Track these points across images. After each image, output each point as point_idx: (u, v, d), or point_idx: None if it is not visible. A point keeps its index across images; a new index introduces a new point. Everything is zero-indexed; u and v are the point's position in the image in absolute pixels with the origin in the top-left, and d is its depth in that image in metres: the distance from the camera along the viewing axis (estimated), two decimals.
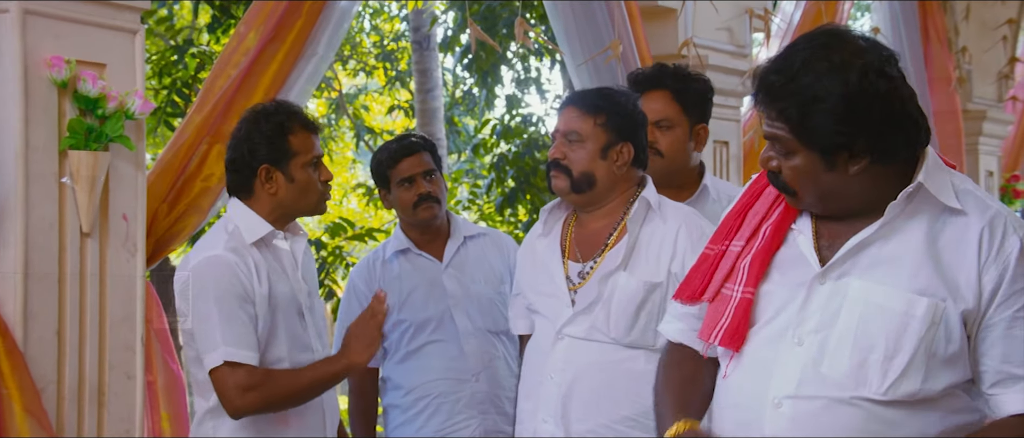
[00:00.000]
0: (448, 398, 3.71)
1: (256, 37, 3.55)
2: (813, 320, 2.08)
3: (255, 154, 3.03)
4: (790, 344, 2.08)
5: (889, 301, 2.03)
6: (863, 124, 1.99)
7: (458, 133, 12.05)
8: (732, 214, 2.25)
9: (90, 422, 3.09)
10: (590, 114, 2.94)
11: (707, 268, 2.22)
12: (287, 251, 3.10)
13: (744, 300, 2.12)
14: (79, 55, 3.04)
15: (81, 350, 3.07)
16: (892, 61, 2.03)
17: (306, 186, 3.06)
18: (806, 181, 2.07)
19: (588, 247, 2.98)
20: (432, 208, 3.70)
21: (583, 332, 2.89)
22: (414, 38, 9.44)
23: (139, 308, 3.23)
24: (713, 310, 2.18)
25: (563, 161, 2.94)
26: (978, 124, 6.89)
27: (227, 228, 3.03)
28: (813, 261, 2.10)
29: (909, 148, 2.06)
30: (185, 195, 3.51)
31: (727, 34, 5.05)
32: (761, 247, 2.14)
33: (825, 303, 2.08)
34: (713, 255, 2.23)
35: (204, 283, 2.92)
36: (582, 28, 4.31)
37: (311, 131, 3.10)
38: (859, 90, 1.98)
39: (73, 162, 3.01)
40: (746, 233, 2.19)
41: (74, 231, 3.05)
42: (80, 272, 3.07)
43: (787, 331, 2.09)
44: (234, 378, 2.88)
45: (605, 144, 2.93)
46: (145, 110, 3.13)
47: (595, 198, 2.96)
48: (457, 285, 3.73)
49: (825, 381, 2.05)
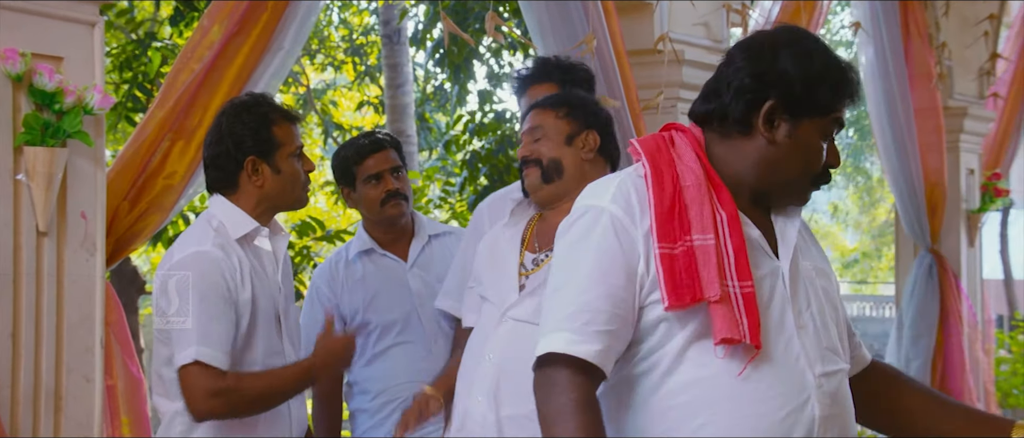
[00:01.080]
0: None
1: (220, 30, 3.53)
2: (796, 304, 2.21)
3: (241, 147, 3.04)
4: (797, 329, 2.19)
5: (825, 277, 2.30)
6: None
7: (429, 129, 12.04)
8: (664, 210, 2.15)
9: (46, 427, 3.06)
10: (551, 108, 3.06)
11: (686, 266, 2.14)
12: (269, 252, 3.11)
13: (748, 295, 2.13)
14: (35, 48, 3.01)
15: (37, 352, 3.05)
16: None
17: (292, 177, 3.09)
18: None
19: (546, 238, 3.03)
20: (400, 205, 3.70)
21: (527, 315, 2.92)
22: (384, 32, 9.42)
23: (98, 309, 3.20)
24: (722, 309, 2.11)
25: (532, 156, 3.03)
26: (959, 121, 6.92)
27: (211, 224, 3.03)
28: (770, 253, 2.22)
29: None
30: (147, 193, 3.49)
31: (704, 29, 5.05)
32: (736, 242, 2.14)
33: (798, 287, 2.22)
34: (681, 253, 2.14)
35: (189, 279, 2.92)
36: (556, 22, 4.30)
37: (292, 122, 3.13)
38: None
39: (29, 159, 2.98)
40: (707, 226, 2.15)
41: (30, 230, 3.03)
42: (36, 272, 3.05)
43: (786, 318, 2.19)
44: (202, 380, 2.87)
45: (570, 133, 3.03)
46: (105, 105, 3.11)
47: (565, 188, 3.00)
48: (422, 285, 3.73)
49: (831, 356, 2.22)
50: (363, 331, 3.72)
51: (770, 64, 2.18)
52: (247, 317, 2.97)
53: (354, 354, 3.23)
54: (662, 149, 2.21)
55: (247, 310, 2.96)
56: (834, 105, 2.19)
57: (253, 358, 3.00)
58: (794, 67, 2.16)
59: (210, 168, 3.11)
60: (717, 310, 2.11)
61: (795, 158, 2.19)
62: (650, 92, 4.68)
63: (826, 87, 2.17)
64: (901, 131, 6.15)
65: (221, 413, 2.91)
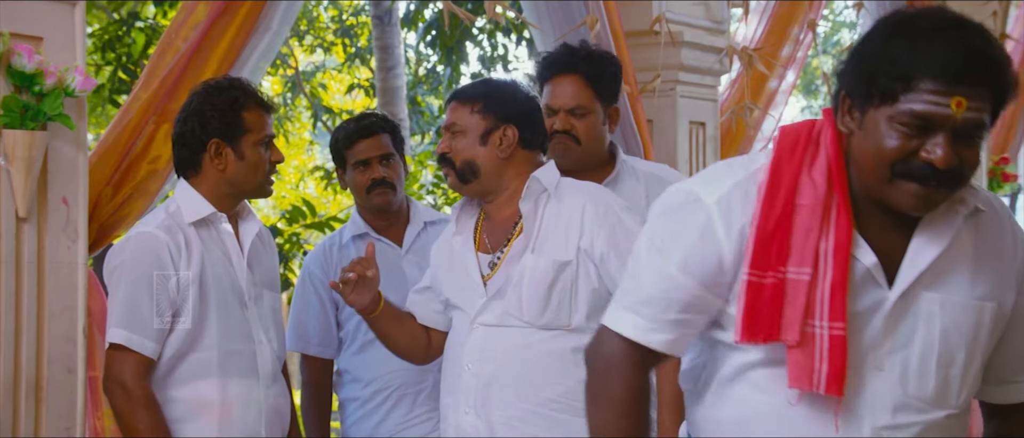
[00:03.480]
0: (409, 390, 3.70)
1: (206, 10, 3.52)
2: (889, 342, 2.03)
3: (206, 127, 3.06)
4: (872, 370, 2.03)
5: (962, 313, 2.02)
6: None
7: (421, 113, 12.02)
8: (766, 234, 2.03)
9: (26, 420, 3.05)
10: (466, 103, 3.03)
11: (770, 300, 2.03)
12: (230, 235, 3.12)
13: (837, 338, 1.99)
14: (13, 28, 3.00)
15: (17, 343, 3.04)
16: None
17: (255, 165, 3.10)
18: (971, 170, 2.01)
19: (496, 237, 3.05)
20: (385, 194, 3.70)
21: (496, 319, 2.94)
22: (374, 13, 9.38)
23: (80, 298, 3.19)
24: (802, 353, 2.02)
25: (449, 154, 3.03)
26: None
27: (169, 208, 3.07)
28: (883, 282, 2.03)
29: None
30: (130, 178, 3.48)
31: (704, 9, 5.03)
32: (837, 277, 2.00)
33: (899, 321, 2.03)
34: (770, 285, 2.02)
35: (123, 260, 2.99)
36: (553, 3, 4.29)
37: (265, 110, 3.14)
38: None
39: (8, 142, 2.96)
40: (806, 257, 2.01)
41: (9, 215, 3.01)
42: (16, 259, 3.03)
43: (866, 356, 2.03)
44: (119, 366, 2.95)
45: (485, 130, 3.00)
46: (86, 87, 3.10)
47: (486, 186, 3.03)
48: (418, 272, 3.71)
49: (915, 405, 2.03)
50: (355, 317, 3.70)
51: (851, 50, 2.04)
52: (195, 296, 3.00)
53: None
54: (796, 150, 2.05)
55: (193, 290, 2.99)
56: (895, 90, 1.90)
57: (209, 341, 3.02)
58: (856, 48, 2.02)
59: (176, 146, 3.14)
60: (793, 355, 2.01)
61: (865, 150, 1.96)
62: (647, 75, 4.67)
63: (883, 70, 1.92)
64: None
65: (113, 403, 2.99)
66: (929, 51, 1.87)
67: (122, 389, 2.94)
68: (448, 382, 3.08)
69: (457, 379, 3.01)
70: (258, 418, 3.12)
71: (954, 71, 1.86)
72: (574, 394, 2.82)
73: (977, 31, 1.90)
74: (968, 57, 1.86)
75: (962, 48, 1.87)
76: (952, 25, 1.90)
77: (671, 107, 4.83)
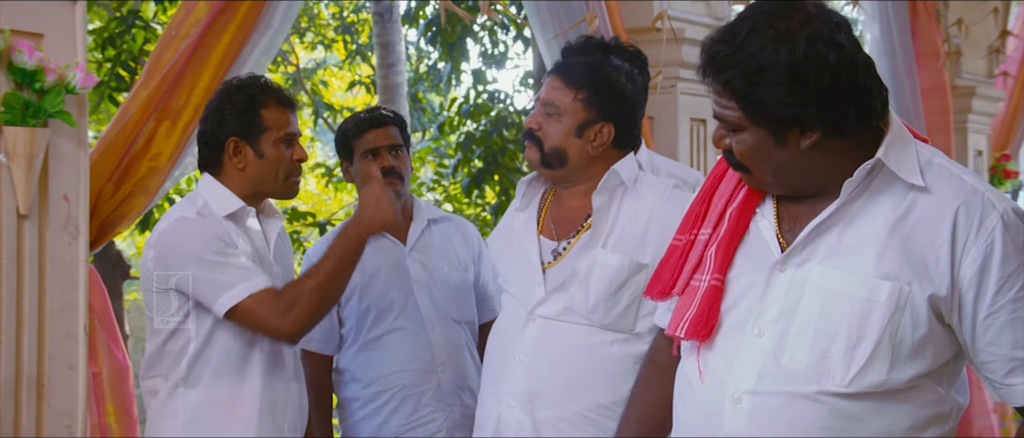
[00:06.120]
0: (413, 391, 3.68)
1: (206, 7, 3.52)
2: (773, 310, 2.06)
3: (224, 126, 3.05)
4: (750, 336, 2.07)
5: (850, 287, 2.00)
6: (811, 96, 1.96)
7: (423, 110, 12.02)
8: (697, 200, 2.23)
9: (28, 417, 3.06)
10: (571, 88, 2.87)
11: (676, 260, 2.20)
12: (258, 232, 3.10)
13: (711, 288, 2.09)
14: (14, 24, 3.00)
15: (18, 339, 3.04)
16: (843, 28, 1.99)
17: (275, 163, 3.07)
18: (758, 158, 2.05)
19: (564, 225, 2.94)
20: (394, 184, 3.68)
21: (557, 312, 2.84)
22: (375, 9, 9.38)
23: (82, 294, 3.20)
24: (681, 303, 2.15)
25: (537, 132, 2.89)
26: (967, 101, 6.91)
27: (195, 203, 3.03)
28: (774, 247, 2.09)
29: (863, 121, 2.01)
30: (131, 175, 3.49)
31: (705, 7, 5.04)
32: (726, 233, 2.12)
33: (785, 291, 2.05)
34: (681, 246, 2.20)
35: (181, 242, 2.94)
36: (553, 1, 4.29)
37: (286, 107, 3.11)
38: (806, 59, 1.94)
39: (9, 139, 2.97)
40: (712, 219, 2.17)
41: (10, 212, 3.02)
42: (17, 256, 3.04)
43: (747, 321, 2.08)
44: (265, 306, 2.90)
45: (582, 122, 2.87)
46: (87, 84, 3.10)
47: (568, 175, 2.92)
48: (421, 269, 3.71)
49: (786, 375, 2.03)
50: (355, 314, 3.70)
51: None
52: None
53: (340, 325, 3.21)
54: None
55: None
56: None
57: (250, 337, 2.99)
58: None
59: (199, 145, 3.14)
60: (678, 303, 2.16)
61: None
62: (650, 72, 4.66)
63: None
64: (907, 111, 6.13)
65: (306, 321, 2.94)
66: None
67: (291, 311, 2.90)
68: (491, 371, 2.98)
69: (503, 369, 2.90)
70: (283, 416, 3.11)
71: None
72: (625, 402, 2.67)
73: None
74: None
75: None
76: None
77: (672, 104, 4.83)
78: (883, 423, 2.02)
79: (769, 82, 1.96)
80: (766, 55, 1.95)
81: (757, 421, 2.04)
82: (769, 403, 2.03)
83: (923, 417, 2.05)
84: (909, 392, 2.03)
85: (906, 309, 1.99)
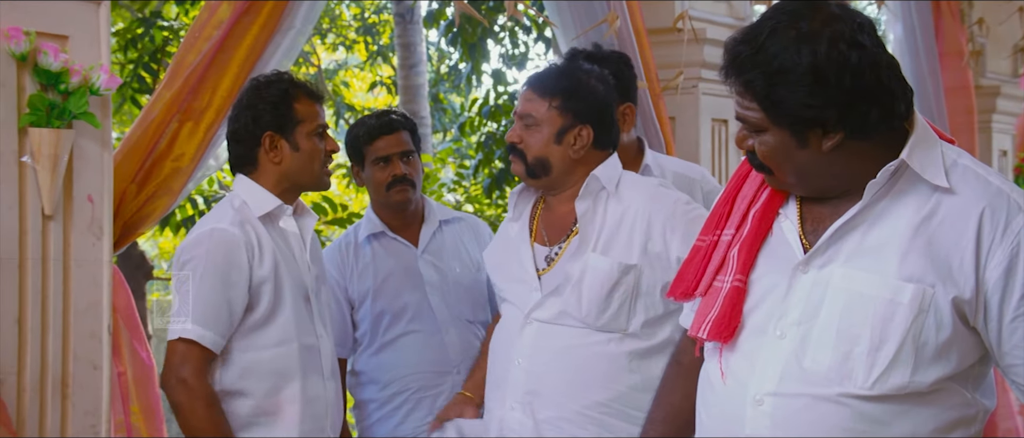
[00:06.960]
0: (429, 392, 3.69)
1: (229, 9, 3.53)
2: (795, 311, 2.05)
3: (259, 121, 3.09)
4: (772, 337, 2.06)
5: (873, 289, 1.99)
6: (832, 97, 1.95)
7: (443, 111, 12.04)
8: (721, 201, 2.23)
9: (53, 417, 3.07)
10: (544, 97, 2.97)
11: (700, 261, 2.20)
12: (295, 233, 3.14)
13: (734, 289, 2.09)
14: (39, 27, 3.02)
15: (43, 339, 3.06)
16: (866, 29, 1.98)
17: (311, 155, 3.12)
18: (780, 159, 2.04)
19: (555, 231, 3.02)
20: (405, 191, 3.69)
21: (552, 316, 2.91)
22: (396, 11, 9.41)
23: (106, 294, 3.21)
24: (704, 304, 2.16)
25: (519, 145, 2.98)
26: (991, 100, 6.87)
27: (234, 204, 3.08)
28: (796, 248, 2.08)
29: (886, 122, 2.00)
30: (154, 176, 3.50)
31: (727, 7, 5.03)
32: (749, 234, 2.12)
33: (808, 293, 2.04)
34: (705, 247, 2.21)
35: (198, 254, 2.99)
36: (575, 1, 4.28)
37: (316, 100, 3.17)
38: (827, 60, 1.93)
39: (34, 140, 2.98)
40: (735, 220, 2.17)
41: (36, 213, 3.03)
42: (42, 257, 3.05)
43: (769, 323, 2.07)
44: (184, 358, 2.94)
45: (561, 128, 2.95)
46: (111, 85, 3.12)
47: (554, 183, 3.00)
48: (434, 271, 3.72)
49: (808, 376, 2.02)
50: (369, 317, 3.72)
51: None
52: (268, 295, 3.01)
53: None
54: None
55: (267, 287, 3.01)
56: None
57: (286, 335, 3.03)
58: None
59: (231, 143, 3.17)
60: (701, 304, 2.16)
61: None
62: (670, 72, 4.67)
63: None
64: (931, 111, 6.10)
65: (173, 399, 2.97)
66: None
67: (184, 385, 2.94)
68: (495, 375, 3.05)
69: (505, 373, 2.98)
70: (324, 415, 3.14)
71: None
72: (625, 399, 2.83)
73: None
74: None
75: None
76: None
77: (694, 104, 4.83)
78: (906, 426, 2.00)
79: (791, 83, 1.96)
80: (788, 56, 1.95)
81: (779, 423, 2.03)
82: (791, 405, 2.03)
83: (948, 420, 2.03)
84: (933, 395, 2.01)
85: (930, 311, 1.97)
